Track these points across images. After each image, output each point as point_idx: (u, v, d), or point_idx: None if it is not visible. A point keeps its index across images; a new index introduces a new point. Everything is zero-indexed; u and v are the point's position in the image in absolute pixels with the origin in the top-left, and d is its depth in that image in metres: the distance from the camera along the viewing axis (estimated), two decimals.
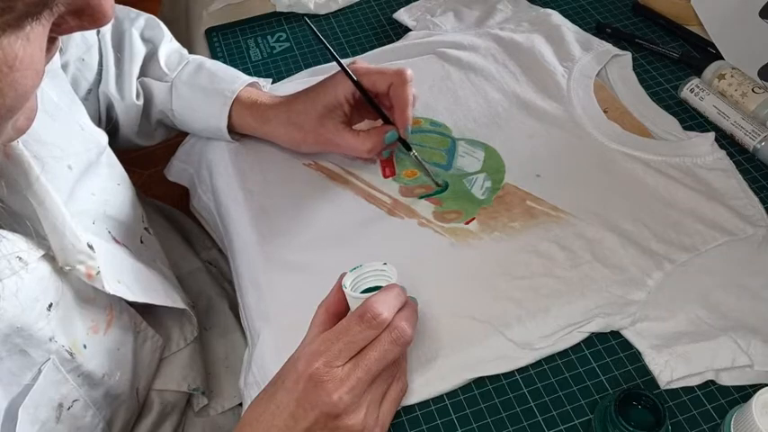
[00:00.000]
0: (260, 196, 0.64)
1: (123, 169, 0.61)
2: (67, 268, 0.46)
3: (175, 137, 0.75)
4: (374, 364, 0.45)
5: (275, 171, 0.66)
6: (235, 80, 0.66)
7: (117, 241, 0.56)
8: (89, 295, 0.49)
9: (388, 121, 0.62)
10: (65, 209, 0.46)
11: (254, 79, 0.68)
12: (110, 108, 0.68)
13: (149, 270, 0.57)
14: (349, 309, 0.49)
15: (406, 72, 0.60)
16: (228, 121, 0.65)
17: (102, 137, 0.58)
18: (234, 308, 0.72)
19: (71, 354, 0.47)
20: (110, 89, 0.66)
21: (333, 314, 0.49)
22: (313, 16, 0.84)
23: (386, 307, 0.46)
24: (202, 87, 0.66)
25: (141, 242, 0.60)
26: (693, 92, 0.67)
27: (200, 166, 0.70)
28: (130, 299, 0.52)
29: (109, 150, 0.59)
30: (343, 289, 0.49)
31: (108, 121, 0.69)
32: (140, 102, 0.67)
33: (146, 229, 0.62)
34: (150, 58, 0.68)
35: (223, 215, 0.65)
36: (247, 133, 0.67)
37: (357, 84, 0.60)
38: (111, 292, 0.49)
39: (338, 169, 0.66)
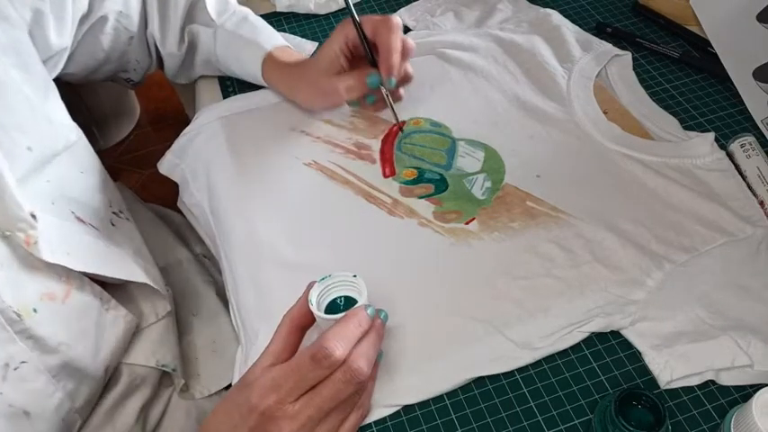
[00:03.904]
0: (260, 196, 0.64)
1: (94, 159, 0.63)
2: (7, 233, 0.48)
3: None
4: (326, 403, 0.44)
5: (275, 171, 0.66)
6: (272, 38, 0.71)
7: (81, 221, 0.57)
8: (37, 263, 0.50)
9: (375, 66, 0.63)
10: (11, 178, 0.48)
11: (289, 45, 0.72)
12: (157, 48, 0.74)
13: (117, 248, 0.59)
14: (314, 320, 0.49)
15: (391, 19, 0.61)
16: (262, 73, 0.70)
17: (72, 133, 0.59)
18: (220, 294, 0.74)
19: (18, 315, 0.48)
20: (155, 34, 0.72)
21: (297, 326, 0.49)
22: (313, 16, 0.84)
23: (341, 344, 0.44)
24: (243, 37, 0.71)
25: (112, 225, 0.62)
26: (743, 147, 0.64)
27: (196, 164, 0.70)
28: (78, 269, 0.53)
29: (79, 144, 0.60)
30: (309, 305, 0.48)
31: (158, 58, 0.75)
32: (182, 51, 0.73)
33: (115, 213, 0.63)
34: (195, 4, 0.71)
35: (219, 214, 0.65)
36: (275, 88, 0.72)
37: (357, 24, 0.61)
38: (50, 261, 0.50)
39: (338, 169, 0.66)
